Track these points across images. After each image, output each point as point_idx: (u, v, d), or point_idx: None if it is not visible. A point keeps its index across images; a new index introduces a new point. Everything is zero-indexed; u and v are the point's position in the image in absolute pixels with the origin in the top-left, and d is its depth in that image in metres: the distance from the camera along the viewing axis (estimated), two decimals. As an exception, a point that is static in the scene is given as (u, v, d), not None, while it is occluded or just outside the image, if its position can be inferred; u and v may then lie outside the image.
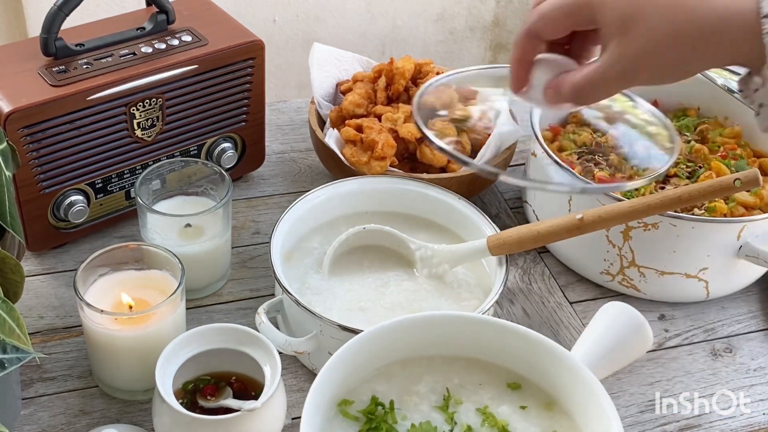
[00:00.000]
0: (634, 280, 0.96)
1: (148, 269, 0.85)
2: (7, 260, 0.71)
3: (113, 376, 0.83)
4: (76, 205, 0.94)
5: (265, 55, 1.01)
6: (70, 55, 0.92)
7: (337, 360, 0.62)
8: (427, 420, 0.61)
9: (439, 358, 0.65)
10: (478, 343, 0.64)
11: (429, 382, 0.65)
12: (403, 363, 0.65)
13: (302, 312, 0.81)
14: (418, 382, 0.64)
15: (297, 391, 0.86)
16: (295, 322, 0.85)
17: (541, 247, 1.04)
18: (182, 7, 1.02)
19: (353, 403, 0.63)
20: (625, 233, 0.93)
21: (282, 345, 0.81)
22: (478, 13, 1.85)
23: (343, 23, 1.75)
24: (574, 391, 0.61)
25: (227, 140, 1.04)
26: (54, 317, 0.91)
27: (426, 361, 0.65)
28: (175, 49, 0.96)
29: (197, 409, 0.76)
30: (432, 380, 0.64)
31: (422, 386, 0.64)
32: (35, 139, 0.88)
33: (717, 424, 0.86)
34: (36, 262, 0.97)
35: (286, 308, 0.85)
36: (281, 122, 1.21)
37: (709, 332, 0.95)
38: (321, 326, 0.81)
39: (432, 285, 0.87)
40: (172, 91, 0.95)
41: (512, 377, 0.63)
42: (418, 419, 0.62)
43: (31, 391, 0.84)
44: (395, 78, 1.08)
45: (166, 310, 0.80)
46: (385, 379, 0.64)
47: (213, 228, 0.91)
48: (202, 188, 0.95)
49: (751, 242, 0.91)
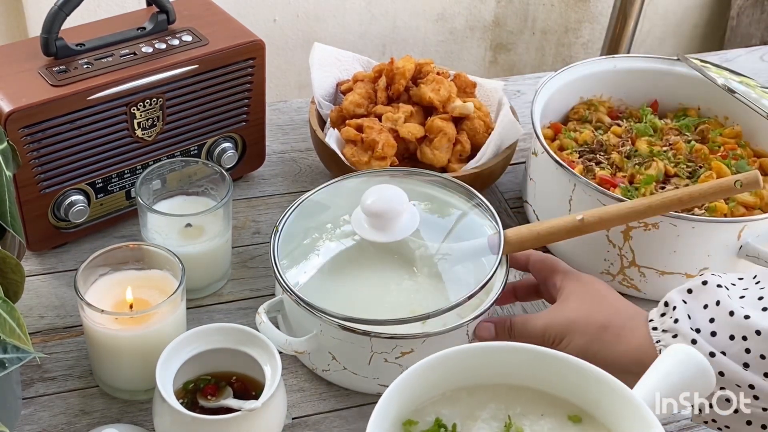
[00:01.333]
0: (634, 280, 0.96)
1: (149, 269, 0.85)
2: (7, 260, 0.71)
3: (114, 376, 0.83)
4: (76, 205, 0.94)
5: (265, 55, 1.01)
6: (70, 55, 0.92)
7: (403, 380, 0.63)
8: None
9: (505, 387, 0.66)
10: (542, 375, 0.66)
11: (492, 409, 0.66)
12: (469, 390, 0.67)
13: (302, 311, 0.81)
14: (483, 409, 0.66)
15: (297, 391, 0.86)
16: (295, 322, 0.85)
17: (541, 247, 1.04)
18: (182, 7, 1.02)
19: (417, 423, 0.65)
20: (625, 233, 0.93)
21: (282, 345, 0.81)
22: (478, 13, 1.85)
23: (343, 23, 1.75)
24: (632, 428, 0.62)
25: (227, 140, 1.04)
26: (54, 317, 0.91)
27: (492, 388, 0.67)
28: (175, 49, 0.96)
29: (197, 409, 0.76)
30: (495, 407, 0.66)
31: (486, 412, 0.66)
32: (35, 139, 0.88)
33: (717, 423, 0.86)
34: (36, 262, 0.97)
35: (287, 308, 0.85)
36: (281, 122, 1.21)
37: (710, 332, 0.95)
38: (321, 326, 0.81)
39: (432, 284, 0.87)
40: (172, 91, 0.95)
41: (574, 410, 0.65)
42: None
43: (31, 391, 0.84)
44: (395, 78, 1.08)
45: (167, 310, 0.80)
46: (451, 403, 0.66)
47: (213, 228, 0.91)
48: (203, 188, 0.95)
49: (752, 242, 0.91)
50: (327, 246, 0.90)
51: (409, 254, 0.90)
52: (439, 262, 0.89)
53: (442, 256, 0.89)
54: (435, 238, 0.90)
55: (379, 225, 0.85)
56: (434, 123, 1.04)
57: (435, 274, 0.88)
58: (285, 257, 0.86)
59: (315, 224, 0.92)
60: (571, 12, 1.93)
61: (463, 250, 0.89)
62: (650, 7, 1.93)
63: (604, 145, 1.04)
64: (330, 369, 0.84)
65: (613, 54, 1.66)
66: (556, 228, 0.86)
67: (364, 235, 0.86)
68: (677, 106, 1.13)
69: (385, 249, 0.89)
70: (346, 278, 0.87)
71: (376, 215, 0.85)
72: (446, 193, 0.93)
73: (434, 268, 0.88)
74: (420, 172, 0.95)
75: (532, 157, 1.03)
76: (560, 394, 0.66)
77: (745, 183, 0.81)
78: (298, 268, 0.87)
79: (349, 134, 1.03)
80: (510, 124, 1.05)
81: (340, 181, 0.94)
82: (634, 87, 1.13)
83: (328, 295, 0.85)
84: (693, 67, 1.07)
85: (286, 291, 0.82)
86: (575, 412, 0.66)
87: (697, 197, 0.84)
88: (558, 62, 2.00)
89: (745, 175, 0.81)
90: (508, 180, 1.13)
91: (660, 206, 0.85)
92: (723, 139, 1.06)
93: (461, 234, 0.90)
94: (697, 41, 2.07)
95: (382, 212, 0.84)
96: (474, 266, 0.86)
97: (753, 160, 1.03)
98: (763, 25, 1.88)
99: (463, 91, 1.11)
